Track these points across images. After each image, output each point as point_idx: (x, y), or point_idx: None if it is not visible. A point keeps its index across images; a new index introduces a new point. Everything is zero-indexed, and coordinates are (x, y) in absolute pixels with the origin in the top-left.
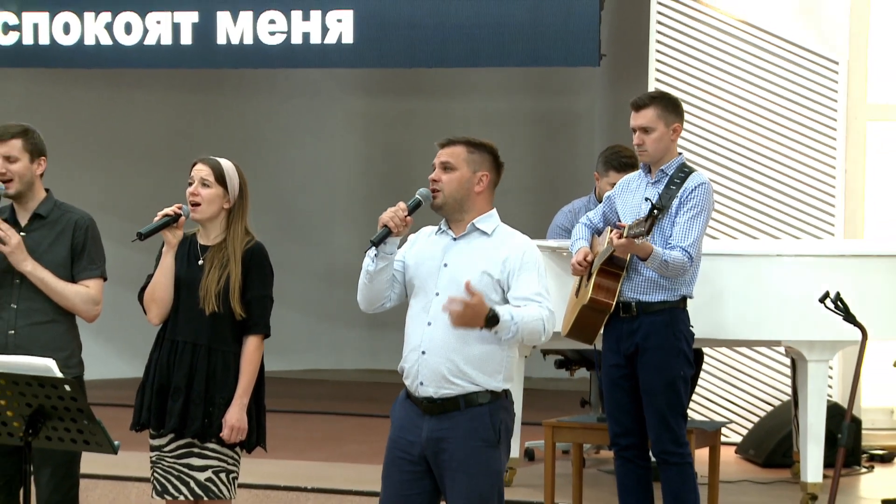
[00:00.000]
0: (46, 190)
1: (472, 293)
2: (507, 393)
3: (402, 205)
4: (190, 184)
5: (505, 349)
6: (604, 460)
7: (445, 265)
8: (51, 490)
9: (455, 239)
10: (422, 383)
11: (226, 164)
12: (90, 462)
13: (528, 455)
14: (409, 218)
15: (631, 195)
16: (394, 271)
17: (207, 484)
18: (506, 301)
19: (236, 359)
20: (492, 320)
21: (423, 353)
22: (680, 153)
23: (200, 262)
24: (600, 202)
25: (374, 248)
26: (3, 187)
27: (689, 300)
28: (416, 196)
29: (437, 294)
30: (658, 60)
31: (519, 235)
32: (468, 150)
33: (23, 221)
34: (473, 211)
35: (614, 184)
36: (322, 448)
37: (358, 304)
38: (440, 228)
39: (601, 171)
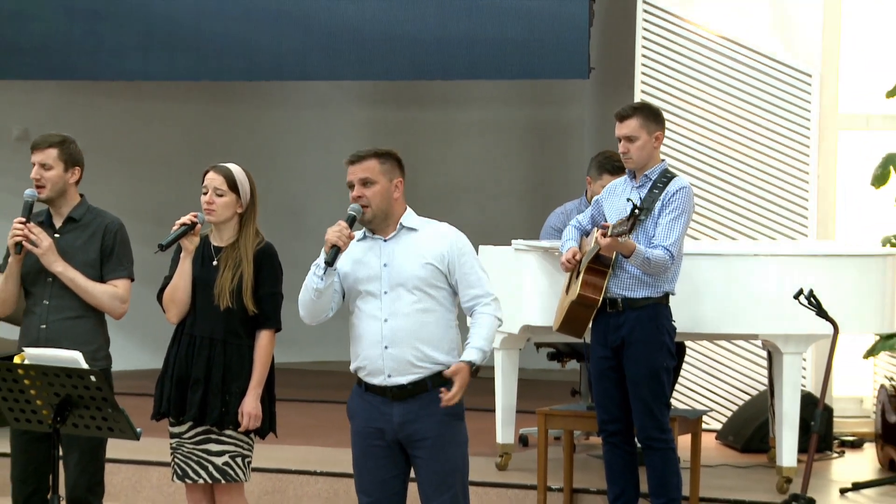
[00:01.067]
0: (81, 195)
1: (446, 393)
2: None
3: (343, 223)
4: (204, 192)
5: (453, 328)
6: (593, 446)
7: (385, 265)
8: (78, 473)
9: (385, 240)
10: (389, 375)
11: (236, 170)
12: (114, 447)
13: (523, 441)
14: (352, 233)
15: (617, 198)
16: (335, 283)
17: (224, 468)
18: (450, 286)
19: (250, 352)
20: (475, 371)
21: (386, 347)
22: (663, 159)
23: (215, 262)
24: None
25: (326, 268)
26: (36, 193)
27: (671, 296)
28: (350, 212)
29: (386, 293)
30: (643, 73)
31: (444, 225)
32: (380, 161)
33: (57, 224)
34: (396, 215)
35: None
36: (329, 434)
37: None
38: (364, 235)
39: (594, 174)
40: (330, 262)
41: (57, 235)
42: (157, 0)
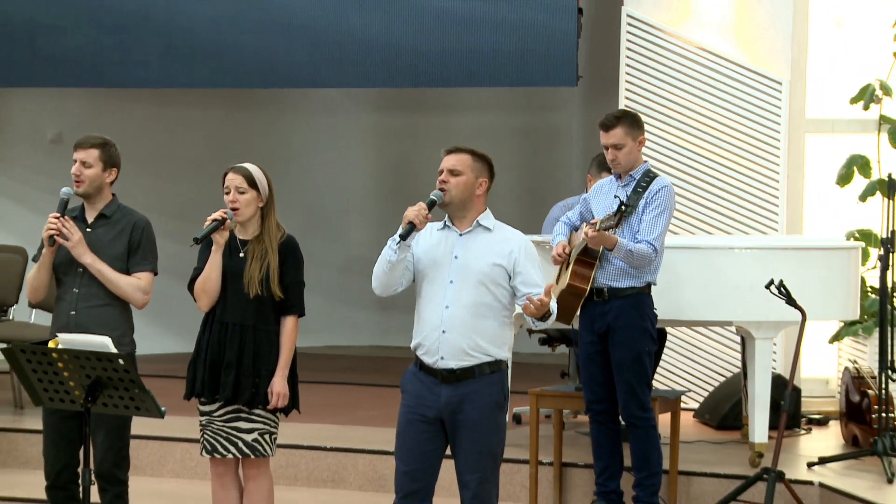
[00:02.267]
0: (113, 194)
1: (542, 301)
2: (508, 362)
3: (422, 204)
4: (227, 192)
5: (509, 325)
6: (580, 423)
7: (456, 257)
8: (105, 449)
9: (461, 234)
10: (442, 357)
11: (253, 168)
12: (141, 425)
13: (516, 419)
14: (429, 215)
15: (604, 197)
16: (407, 261)
17: (254, 444)
18: (511, 286)
19: (277, 336)
20: (547, 314)
21: (444, 332)
22: (645, 160)
23: (241, 254)
24: None
25: (401, 240)
26: (72, 190)
27: (653, 286)
28: (431, 196)
29: (452, 282)
30: (627, 81)
31: (515, 230)
32: (473, 158)
33: (90, 219)
34: (474, 210)
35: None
36: (339, 413)
37: (372, 290)
38: (444, 225)
39: (595, 172)
40: (404, 237)
41: (89, 230)
42: (179, 14)
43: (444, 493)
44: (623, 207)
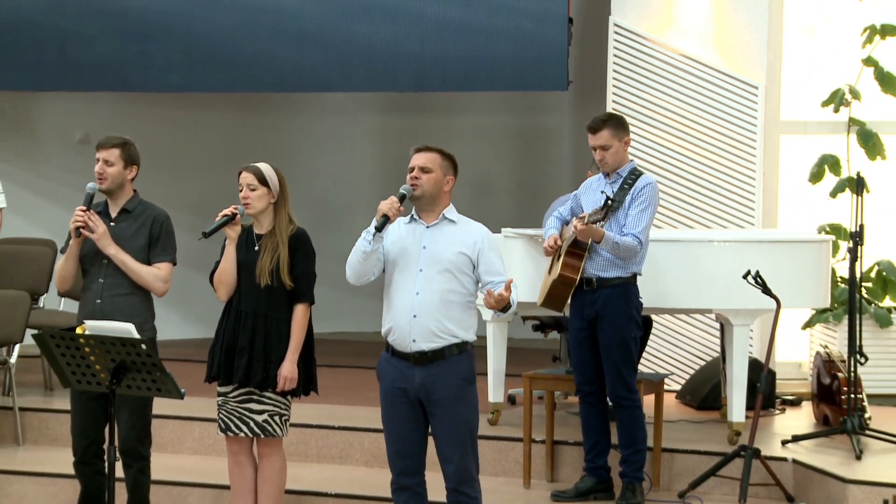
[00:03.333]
0: (134, 190)
1: (501, 296)
2: (473, 343)
3: (394, 198)
4: (240, 189)
5: (472, 309)
6: (571, 404)
7: (424, 247)
8: (129, 428)
9: (428, 227)
10: (414, 340)
11: (264, 167)
12: (162, 405)
13: (511, 400)
14: (401, 207)
15: (592, 193)
16: (379, 252)
17: (264, 424)
18: (475, 274)
19: (288, 324)
20: (507, 307)
21: (415, 316)
22: (631, 159)
23: (256, 247)
24: None
25: (375, 233)
26: (98, 185)
27: (638, 276)
28: (402, 191)
29: (421, 270)
30: (614, 85)
31: (477, 223)
32: (441, 157)
33: (113, 213)
34: (441, 205)
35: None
36: (346, 395)
37: (379, 282)
38: (411, 218)
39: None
40: (379, 228)
41: (112, 223)
42: (198, 23)
43: (433, 467)
44: (609, 202)
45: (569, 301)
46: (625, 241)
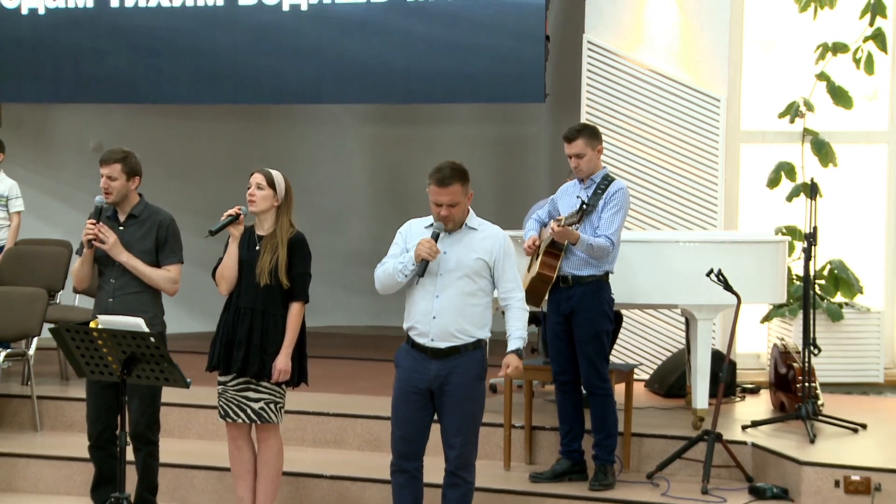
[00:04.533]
0: (140, 195)
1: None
2: (487, 340)
3: (432, 241)
4: (248, 188)
5: (489, 309)
6: (548, 393)
7: (444, 253)
8: (139, 414)
9: (450, 234)
10: (433, 339)
11: (275, 173)
12: (169, 393)
13: (493, 389)
14: (438, 249)
15: (568, 197)
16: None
17: (260, 412)
18: (491, 277)
19: (283, 320)
20: (521, 354)
21: (434, 318)
22: (604, 166)
23: (257, 247)
24: None
25: (419, 277)
26: (105, 199)
27: (611, 274)
28: (435, 230)
29: (441, 275)
30: (588, 98)
31: (496, 227)
32: (461, 185)
33: (121, 219)
34: (465, 218)
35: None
36: (341, 384)
37: (368, 278)
38: (432, 225)
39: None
40: (420, 274)
41: (121, 228)
42: (203, 40)
43: (430, 452)
44: (584, 206)
45: (546, 297)
46: (598, 242)
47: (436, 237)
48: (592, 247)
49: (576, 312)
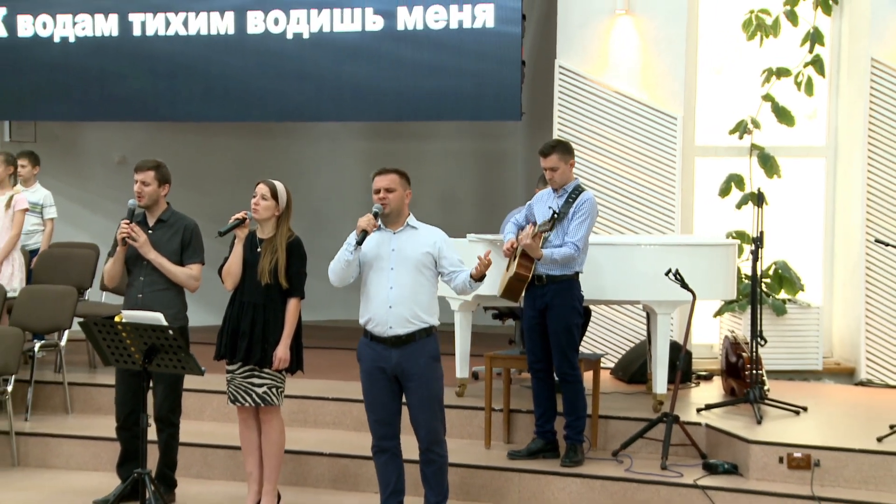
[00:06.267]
0: (167, 203)
1: (489, 261)
2: (437, 326)
3: (370, 216)
4: (254, 196)
5: (436, 298)
6: (524, 380)
7: (393, 250)
8: (162, 399)
9: (395, 233)
10: (391, 327)
11: (278, 184)
12: (185, 380)
13: (475, 376)
14: (377, 223)
15: (543, 204)
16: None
17: (264, 395)
18: (436, 267)
19: (282, 314)
20: (481, 279)
21: (391, 307)
22: (576, 178)
23: (258, 249)
24: None
25: (356, 246)
26: (137, 202)
27: (580, 274)
28: (374, 209)
29: (392, 269)
30: (559, 116)
31: (433, 227)
32: (399, 177)
33: (151, 223)
34: (403, 215)
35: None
36: (338, 371)
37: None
38: (379, 228)
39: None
40: (360, 242)
41: (150, 231)
42: (215, 64)
43: (409, 432)
44: (555, 215)
45: (523, 294)
46: (561, 253)
47: (375, 215)
48: (557, 261)
49: (549, 307)
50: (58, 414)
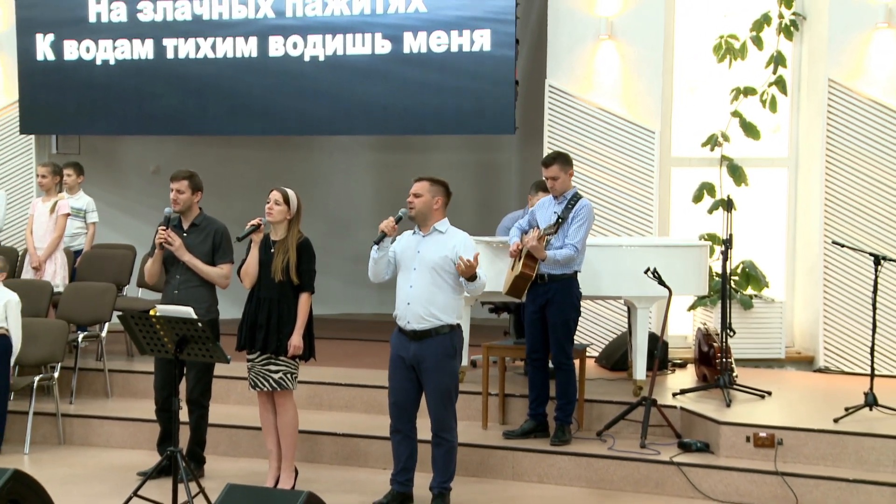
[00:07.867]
0: (200, 208)
1: (469, 262)
2: (458, 325)
3: (391, 219)
4: (267, 202)
5: (457, 299)
6: (517, 367)
7: (419, 252)
8: (194, 383)
9: (424, 237)
10: (409, 322)
11: (290, 191)
12: (214, 367)
13: (473, 364)
14: (395, 226)
15: (545, 210)
16: (389, 258)
17: (280, 381)
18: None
19: (295, 307)
20: (474, 276)
21: (409, 304)
22: (574, 186)
23: (272, 250)
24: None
25: (375, 245)
26: (173, 209)
27: (578, 273)
28: (399, 213)
29: (415, 269)
30: (549, 130)
31: (461, 232)
32: (430, 184)
33: (185, 227)
34: (433, 220)
35: (540, 199)
36: (350, 360)
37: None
38: (414, 231)
39: (534, 192)
40: (377, 242)
41: (185, 234)
42: (240, 83)
43: (426, 416)
44: (559, 220)
45: (527, 291)
46: (563, 254)
47: (398, 219)
48: (559, 261)
49: (550, 304)
50: (99, 398)
